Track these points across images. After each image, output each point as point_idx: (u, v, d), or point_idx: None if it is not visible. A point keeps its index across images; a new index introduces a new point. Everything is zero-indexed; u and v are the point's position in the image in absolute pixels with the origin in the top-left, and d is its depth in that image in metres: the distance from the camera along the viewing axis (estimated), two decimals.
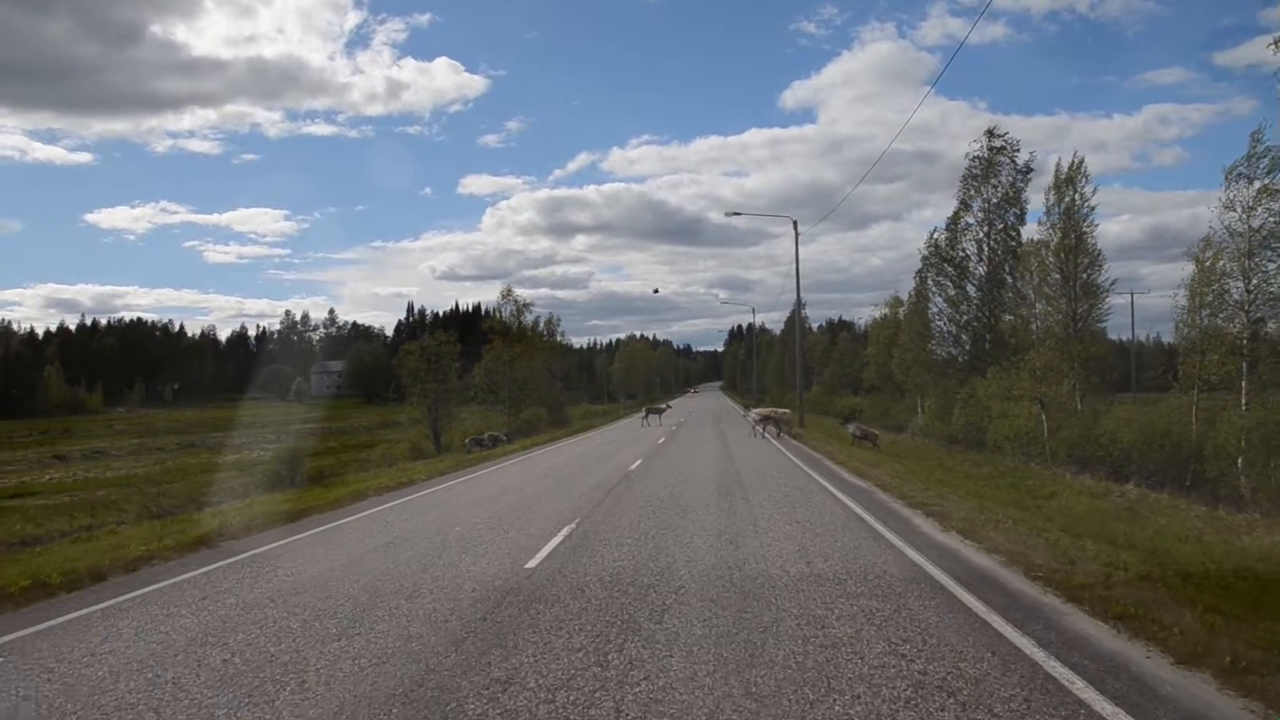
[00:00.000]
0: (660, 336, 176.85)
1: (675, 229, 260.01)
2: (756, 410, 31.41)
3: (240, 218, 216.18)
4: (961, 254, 30.23)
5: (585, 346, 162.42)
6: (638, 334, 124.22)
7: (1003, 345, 28.72)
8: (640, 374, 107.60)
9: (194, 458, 41.21)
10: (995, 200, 29.60)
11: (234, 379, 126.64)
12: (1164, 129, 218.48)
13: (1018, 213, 29.35)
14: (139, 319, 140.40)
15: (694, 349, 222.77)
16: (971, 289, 29.99)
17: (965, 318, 29.70)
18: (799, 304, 36.21)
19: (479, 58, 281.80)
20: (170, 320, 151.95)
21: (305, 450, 28.78)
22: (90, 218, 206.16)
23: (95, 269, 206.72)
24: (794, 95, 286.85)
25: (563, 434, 35.45)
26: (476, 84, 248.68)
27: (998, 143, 29.40)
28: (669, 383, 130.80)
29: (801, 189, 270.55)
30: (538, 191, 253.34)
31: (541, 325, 53.67)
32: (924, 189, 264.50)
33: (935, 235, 30.51)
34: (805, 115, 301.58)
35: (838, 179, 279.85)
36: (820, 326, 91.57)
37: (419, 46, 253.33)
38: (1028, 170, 29.16)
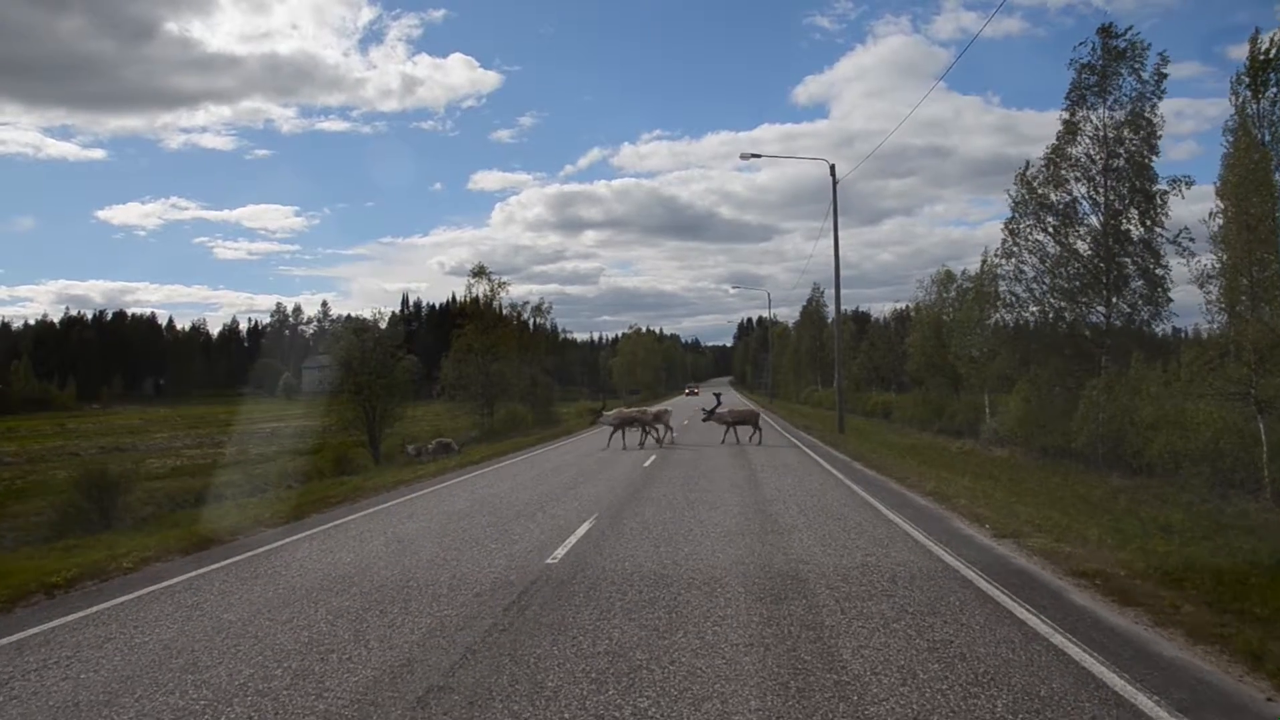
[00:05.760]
0: (669, 331, 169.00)
1: (685, 224, 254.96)
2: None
3: (250, 214, 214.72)
4: (1066, 197, 22.12)
5: (593, 340, 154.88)
6: (644, 328, 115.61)
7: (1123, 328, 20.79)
8: (646, 369, 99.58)
9: (83, 468, 33.40)
10: (1115, 124, 21.45)
11: (225, 374, 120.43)
12: (1179, 123, 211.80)
13: (1145, 139, 21.24)
14: (120, 312, 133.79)
15: (703, 344, 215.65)
16: (1082, 245, 21.85)
17: (1076, 284, 21.56)
18: (837, 274, 28.03)
19: (493, 53, 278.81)
20: (155, 313, 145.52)
21: (138, 473, 20.97)
22: (101, 214, 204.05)
23: (106, 265, 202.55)
24: (806, 90, 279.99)
25: (533, 440, 27.47)
26: (490, 80, 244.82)
27: (1119, 44, 21.24)
28: (675, 378, 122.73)
29: (814, 183, 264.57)
30: (548, 187, 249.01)
31: (527, 313, 45.75)
32: (936, 184, 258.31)
33: (1029, 172, 22.30)
34: (818, 110, 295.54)
35: (850, 175, 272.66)
36: (834, 320, 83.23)
37: (433, 42, 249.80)
38: (1160, 80, 21.02)
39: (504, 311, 41.08)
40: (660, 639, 4.88)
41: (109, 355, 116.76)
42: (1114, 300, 21.40)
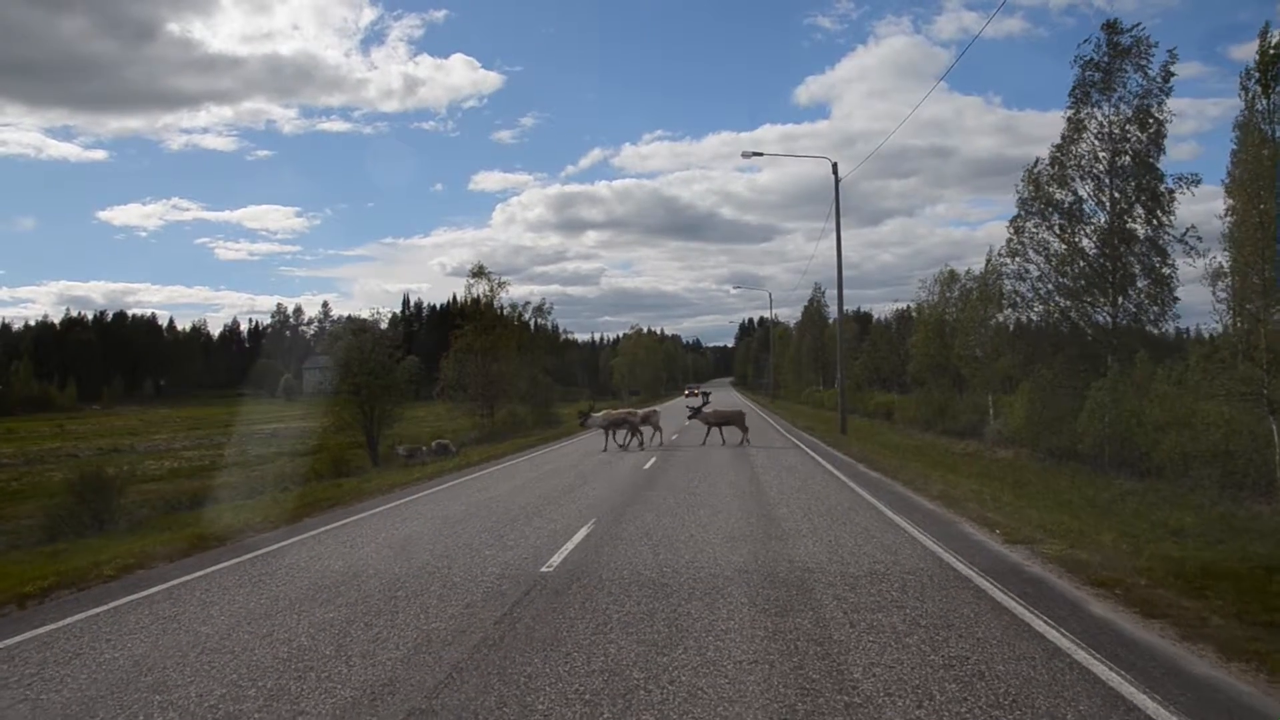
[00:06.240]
0: (670, 332, 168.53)
1: (686, 225, 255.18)
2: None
3: (251, 215, 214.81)
4: (1072, 196, 21.87)
5: (594, 341, 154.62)
6: (645, 329, 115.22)
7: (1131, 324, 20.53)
8: (646, 369, 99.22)
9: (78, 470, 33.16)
10: (1120, 121, 21.17)
11: (225, 375, 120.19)
12: (1180, 123, 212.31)
13: (1152, 137, 20.98)
14: (121, 313, 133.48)
15: (704, 344, 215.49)
16: (1088, 243, 21.59)
17: (1082, 283, 21.27)
18: (840, 273, 27.75)
19: (494, 54, 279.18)
20: (155, 314, 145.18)
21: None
22: (103, 215, 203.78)
23: (107, 266, 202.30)
24: (808, 90, 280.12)
25: (533, 441, 27.21)
26: (492, 80, 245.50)
27: (1124, 40, 20.98)
28: (676, 378, 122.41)
29: (815, 183, 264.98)
30: (549, 188, 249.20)
31: (528, 313, 45.49)
32: (937, 184, 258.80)
33: (1036, 170, 22.03)
34: (819, 110, 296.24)
35: (851, 175, 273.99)
36: (835, 320, 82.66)
37: (435, 43, 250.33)
38: (1167, 77, 20.74)
39: (504, 312, 40.84)
40: (659, 655, 4.60)
41: (109, 356, 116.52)
42: (1120, 300, 21.19)
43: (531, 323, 46.06)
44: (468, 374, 37.80)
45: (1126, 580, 6.09)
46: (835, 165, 26.66)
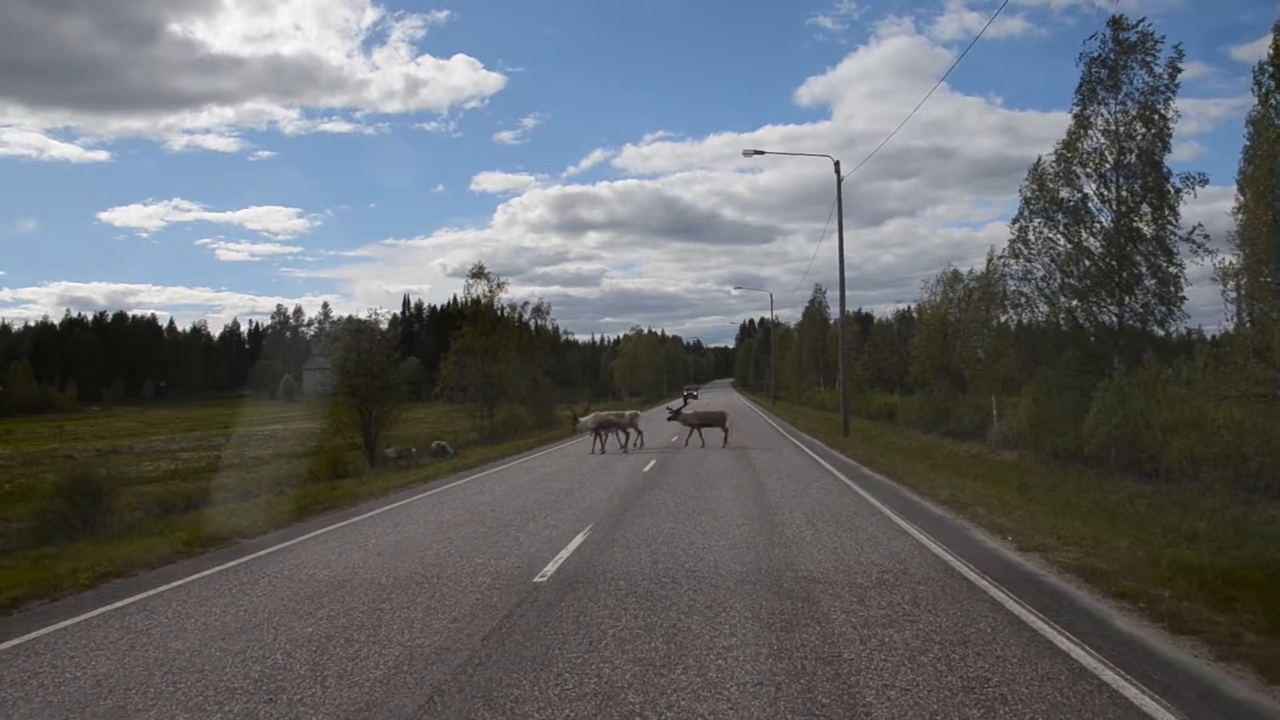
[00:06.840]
0: (671, 333, 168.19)
1: (688, 226, 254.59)
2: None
3: (252, 215, 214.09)
4: (1077, 194, 21.56)
5: (595, 342, 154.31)
6: (646, 330, 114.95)
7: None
8: (647, 370, 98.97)
9: (69, 471, 32.88)
10: (1127, 118, 20.86)
11: (226, 376, 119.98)
12: (1182, 124, 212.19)
13: (1158, 134, 20.67)
14: (121, 314, 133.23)
15: (705, 345, 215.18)
16: (1094, 242, 21.27)
17: (1087, 282, 20.94)
18: (842, 273, 27.44)
19: (496, 55, 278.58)
20: (155, 315, 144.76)
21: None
22: (104, 216, 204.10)
23: (109, 267, 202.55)
24: (809, 91, 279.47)
25: (532, 442, 26.89)
26: (493, 81, 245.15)
27: (1130, 36, 20.67)
28: (677, 379, 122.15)
29: (817, 184, 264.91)
30: (550, 188, 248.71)
31: (527, 314, 45.24)
32: (939, 185, 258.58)
33: (1041, 166, 21.72)
34: (820, 111, 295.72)
35: (853, 175, 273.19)
36: (836, 320, 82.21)
37: (436, 44, 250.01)
38: (1174, 72, 20.43)
39: (503, 313, 40.54)
40: (657, 676, 4.30)
41: (109, 357, 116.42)
42: (1126, 300, 20.88)
43: (531, 323, 45.88)
44: (467, 375, 37.54)
45: (1150, 591, 5.78)
46: (837, 164, 26.38)
